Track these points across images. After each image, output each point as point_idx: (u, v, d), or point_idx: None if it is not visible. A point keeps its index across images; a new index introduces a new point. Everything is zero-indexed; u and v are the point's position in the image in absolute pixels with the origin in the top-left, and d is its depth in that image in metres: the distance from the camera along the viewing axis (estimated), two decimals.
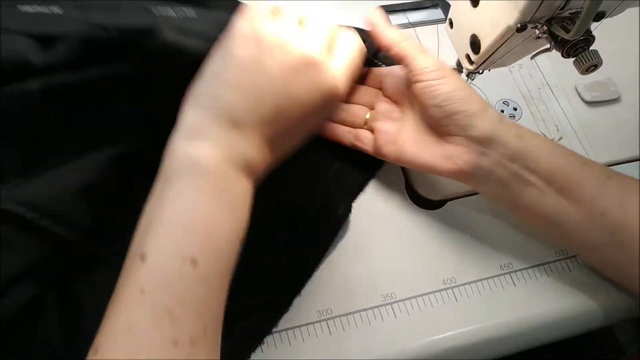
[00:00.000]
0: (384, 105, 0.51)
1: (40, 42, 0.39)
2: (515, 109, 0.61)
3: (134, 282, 0.33)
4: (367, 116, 0.51)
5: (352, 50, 0.44)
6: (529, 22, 0.41)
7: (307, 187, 0.50)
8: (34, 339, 0.39)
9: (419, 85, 0.46)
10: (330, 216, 0.50)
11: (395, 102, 0.51)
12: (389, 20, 0.48)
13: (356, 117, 0.51)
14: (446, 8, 0.67)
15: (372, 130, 0.51)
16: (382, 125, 0.50)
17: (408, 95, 0.49)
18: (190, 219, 0.35)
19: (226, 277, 0.36)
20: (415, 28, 0.65)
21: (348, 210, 0.51)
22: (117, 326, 0.32)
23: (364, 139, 0.51)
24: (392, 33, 0.48)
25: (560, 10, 0.40)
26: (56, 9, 0.40)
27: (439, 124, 0.47)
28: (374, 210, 0.52)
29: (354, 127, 0.51)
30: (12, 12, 0.40)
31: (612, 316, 0.51)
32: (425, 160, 0.47)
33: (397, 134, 0.49)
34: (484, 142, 0.45)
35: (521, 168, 0.45)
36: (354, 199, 0.52)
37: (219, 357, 0.35)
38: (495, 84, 0.62)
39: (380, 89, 0.52)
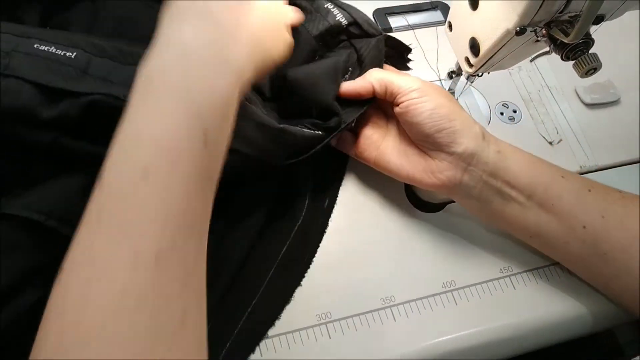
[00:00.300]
0: (371, 111, 0.52)
1: (48, 94, 0.39)
2: (514, 112, 0.61)
3: (91, 203, 0.31)
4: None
5: None
6: (528, 25, 0.41)
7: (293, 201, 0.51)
8: None
9: (402, 105, 0.46)
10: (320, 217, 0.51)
11: (384, 110, 0.52)
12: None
13: None
14: (445, 10, 0.67)
15: (355, 133, 0.52)
16: (366, 130, 0.51)
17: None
18: (141, 128, 0.31)
19: (192, 184, 0.31)
20: (415, 30, 0.65)
21: (333, 202, 0.52)
22: (76, 251, 0.30)
23: (346, 141, 0.52)
24: (360, 82, 0.49)
25: (559, 13, 0.40)
26: (70, 53, 0.41)
27: (421, 140, 0.47)
28: (373, 214, 0.52)
29: None
30: (28, 47, 0.41)
31: (612, 319, 0.51)
32: (406, 172, 0.48)
33: (380, 141, 0.50)
34: (466, 159, 0.45)
35: (502, 184, 0.46)
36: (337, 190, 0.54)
37: (201, 268, 0.33)
38: (495, 86, 0.62)
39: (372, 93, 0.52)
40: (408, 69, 0.61)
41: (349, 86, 0.49)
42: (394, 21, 0.66)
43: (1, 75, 0.39)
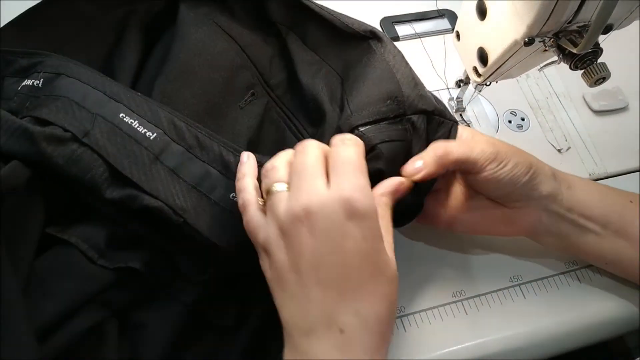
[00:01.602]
0: None
1: (116, 175, 0.41)
2: (523, 119, 0.61)
3: None
4: None
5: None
6: (537, 35, 0.41)
7: None
8: None
9: (480, 175, 0.43)
10: None
11: None
12: None
13: None
14: (452, 18, 0.67)
15: None
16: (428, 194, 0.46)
17: None
18: None
19: None
20: (422, 38, 0.65)
21: None
22: None
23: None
24: (432, 163, 0.41)
25: (567, 24, 0.40)
26: (150, 133, 0.42)
27: (499, 198, 0.46)
28: None
29: None
30: (113, 116, 0.42)
31: (622, 327, 0.51)
32: (483, 227, 0.47)
33: (446, 201, 0.47)
34: (544, 201, 0.45)
35: (578, 216, 0.46)
36: None
37: None
38: (503, 94, 0.62)
39: None
40: None
41: (408, 171, 0.41)
42: (401, 30, 0.66)
43: (79, 141, 0.40)
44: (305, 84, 0.49)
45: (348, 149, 0.36)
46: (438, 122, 0.44)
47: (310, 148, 0.37)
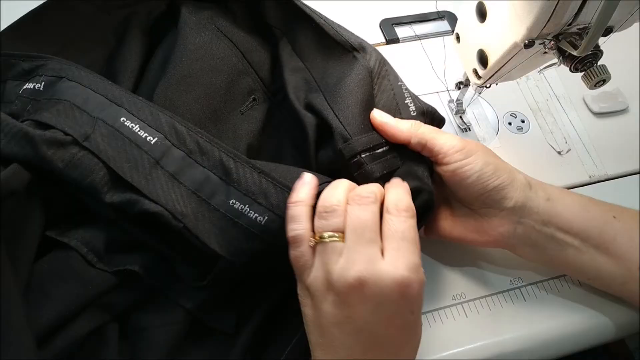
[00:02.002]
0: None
1: (116, 179, 0.41)
2: (523, 121, 0.61)
3: None
4: None
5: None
6: (537, 38, 0.41)
7: None
8: None
9: (447, 167, 0.44)
10: None
11: None
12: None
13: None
14: (452, 20, 0.67)
15: None
16: None
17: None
18: None
19: None
20: (422, 40, 0.65)
21: None
22: None
23: None
24: (405, 125, 0.44)
25: (567, 26, 0.40)
26: (151, 137, 0.42)
27: (469, 201, 0.46)
28: None
29: None
30: (115, 120, 0.42)
31: (623, 330, 0.50)
32: (457, 234, 0.47)
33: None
34: (517, 212, 0.44)
35: (555, 230, 0.45)
36: None
37: None
38: (503, 96, 0.62)
39: None
40: None
41: (382, 118, 0.44)
42: (401, 32, 0.66)
43: (80, 145, 0.40)
44: (288, 90, 0.49)
45: (406, 222, 0.38)
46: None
47: (369, 203, 0.38)
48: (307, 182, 0.39)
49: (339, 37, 0.48)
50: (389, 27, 0.66)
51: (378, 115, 0.44)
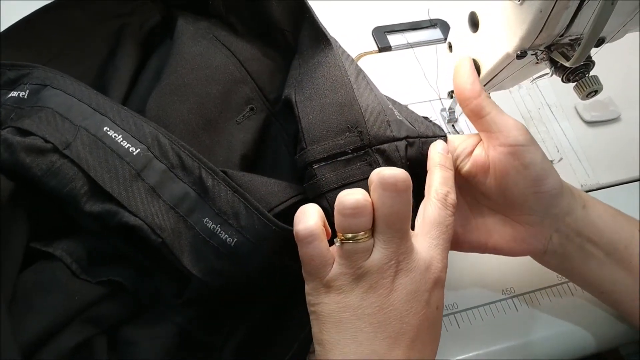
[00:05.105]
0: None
1: (95, 189, 0.40)
2: None
3: None
4: None
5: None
6: (529, 48, 0.41)
7: None
8: None
9: (505, 150, 0.40)
10: None
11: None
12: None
13: None
14: (445, 28, 0.67)
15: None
16: None
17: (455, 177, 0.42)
18: None
19: None
20: (414, 48, 0.65)
21: None
22: None
23: None
24: (478, 84, 0.41)
25: (560, 37, 0.40)
26: (133, 148, 0.41)
27: (513, 205, 0.42)
28: None
29: None
30: (97, 129, 0.41)
31: (617, 339, 0.51)
32: (492, 245, 0.44)
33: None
34: (560, 219, 0.42)
35: (585, 241, 0.43)
36: None
37: None
38: None
39: None
40: None
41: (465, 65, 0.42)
42: (393, 39, 0.66)
43: (60, 153, 0.40)
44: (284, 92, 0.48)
45: (451, 218, 0.38)
46: (420, 143, 0.41)
47: (401, 192, 0.35)
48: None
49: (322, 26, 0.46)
50: (382, 35, 0.66)
51: (462, 64, 0.42)
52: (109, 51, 0.52)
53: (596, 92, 0.43)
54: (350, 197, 0.35)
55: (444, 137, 0.43)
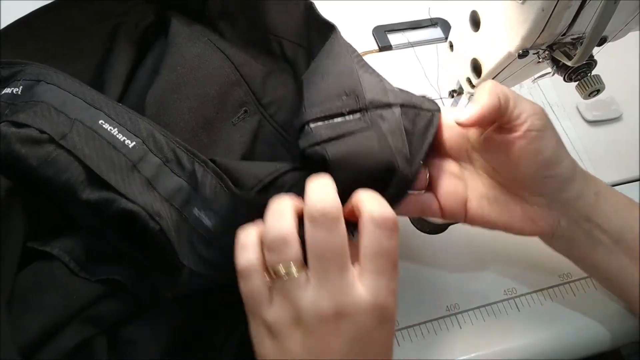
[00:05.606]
0: (438, 161, 0.43)
1: (92, 178, 0.40)
2: None
3: None
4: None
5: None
6: (531, 48, 0.41)
7: None
8: None
9: (520, 133, 0.39)
10: None
11: (449, 156, 0.44)
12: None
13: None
14: (445, 27, 0.67)
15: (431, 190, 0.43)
16: (444, 185, 0.42)
17: (467, 148, 0.43)
18: None
19: None
20: (415, 47, 0.65)
21: None
22: None
23: (431, 206, 0.43)
24: (485, 101, 0.38)
25: (562, 36, 0.40)
26: (129, 141, 0.41)
27: (523, 186, 0.42)
28: None
29: None
30: (93, 122, 0.41)
31: (618, 340, 0.50)
32: (503, 223, 0.43)
33: (464, 193, 0.43)
34: (570, 203, 0.42)
35: (594, 227, 0.43)
36: None
37: None
38: None
39: None
40: None
41: (472, 113, 0.38)
42: (394, 39, 0.66)
43: (56, 143, 0.40)
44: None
45: (393, 240, 0.33)
46: (414, 114, 0.41)
47: (333, 225, 0.32)
48: None
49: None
50: (382, 34, 0.66)
51: (467, 119, 0.38)
52: (105, 51, 0.52)
53: (598, 91, 0.43)
54: (274, 227, 0.33)
55: (437, 111, 0.42)
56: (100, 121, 0.41)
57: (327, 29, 0.46)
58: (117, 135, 0.41)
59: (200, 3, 0.53)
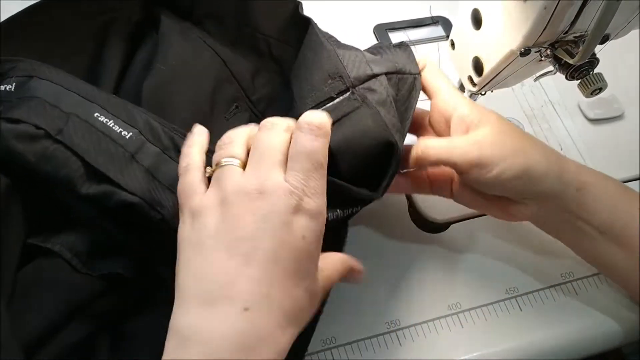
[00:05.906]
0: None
1: (91, 171, 0.40)
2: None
3: None
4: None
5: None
6: (533, 46, 0.41)
7: None
8: None
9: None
10: None
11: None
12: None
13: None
14: (446, 25, 0.67)
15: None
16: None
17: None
18: None
19: None
20: (416, 46, 0.65)
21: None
22: None
23: (423, 183, 0.48)
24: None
25: (564, 34, 0.40)
26: (125, 132, 0.41)
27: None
28: (376, 235, 0.52)
29: None
30: (88, 115, 0.41)
31: (620, 338, 0.50)
32: (484, 210, 0.47)
33: (452, 172, 0.46)
34: (544, 201, 0.44)
35: (576, 219, 0.44)
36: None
37: None
38: (498, 102, 0.61)
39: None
40: None
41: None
42: (395, 37, 0.66)
43: (52, 138, 0.40)
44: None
45: (316, 141, 0.35)
46: (397, 80, 0.42)
47: (279, 129, 0.36)
48: (195, 131, 0.39)
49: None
50: (383, 33, 0.66)
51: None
52: (96, 48, 0.52)
53: (600, 89, 0.43)
54: (225, 135, 0.37)
55: (418, 74, 0.44)
56: (95, 114, 0.41)
57: (306, 24, 0.47)
58: (113, 127, 0.41)
59: (190, 1, 0.53)
